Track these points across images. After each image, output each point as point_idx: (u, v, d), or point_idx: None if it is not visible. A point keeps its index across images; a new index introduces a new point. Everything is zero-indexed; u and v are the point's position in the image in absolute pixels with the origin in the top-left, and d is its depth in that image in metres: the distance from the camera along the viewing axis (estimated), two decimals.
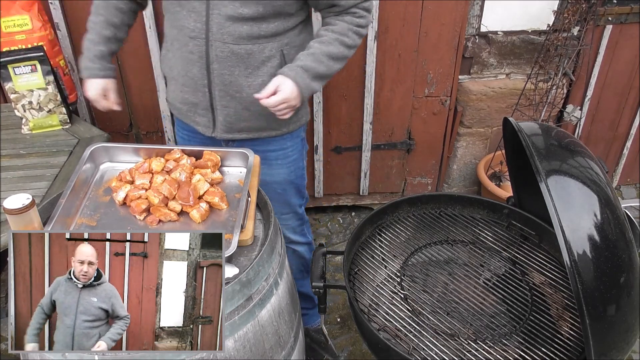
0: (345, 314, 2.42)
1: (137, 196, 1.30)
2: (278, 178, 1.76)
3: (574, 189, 1.17)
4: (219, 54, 1.47)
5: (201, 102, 1.58)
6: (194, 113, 1.62)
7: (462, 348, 1.25)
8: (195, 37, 1.47)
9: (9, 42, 1.97)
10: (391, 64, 2.48)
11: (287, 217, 1.87)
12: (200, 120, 1.63)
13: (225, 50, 1.47)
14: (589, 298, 1.06)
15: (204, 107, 1.59)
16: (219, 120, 1.60)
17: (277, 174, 1.75)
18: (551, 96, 2.57)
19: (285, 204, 1.83)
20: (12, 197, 1.11)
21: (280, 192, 1.78)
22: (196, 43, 1.48)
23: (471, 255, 1.54)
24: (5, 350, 2.22)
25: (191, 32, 1.47)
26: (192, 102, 1.60)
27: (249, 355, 1.22)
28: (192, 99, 1.59)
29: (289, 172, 1.77)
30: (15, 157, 1.81)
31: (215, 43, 1.46)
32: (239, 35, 1.45)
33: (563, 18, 2.39)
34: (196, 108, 1.60)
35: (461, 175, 2.98)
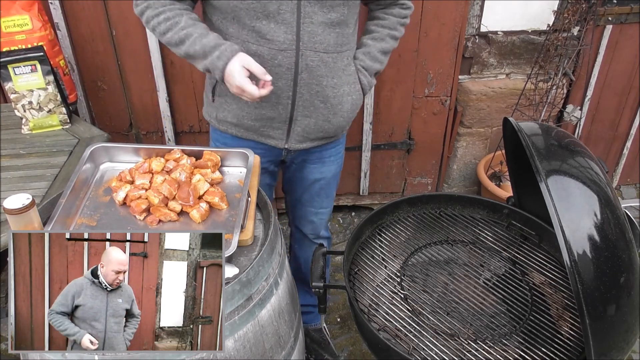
0: (345, 314, 2.42)
1: (137, 196, 1.30)
2: (328, 174, 1.81)
3: (574, 189, 1.17)
4: (309, 63, 1.45)
5: (280, 116, 1.54)
6: (269, 127, 1.58)
7: (462, 348, 1.25)
8: (286, 49, 1.42)
9: (9, 42, 1.97)
10: (391, 64, 2.47)
11: (326, 211, 1.93)
12: (273, 134, 1.59)
13: (315, 59, 1.46)
14: (589, 298, 1.06)
15: (281, 120, 1.55)
16: (295, 132, 1.58)
17: (328, 170, 1.79)
18: (551, 96, 2.57)
19: (329, 197, 1.89)
20: (12, 197, 1.11)
21: (325, 186, 1.83)
22: (286, 55, 1.43)
23: (471, 255, 1.54)
24: (5, 350, 2.22)
25: (281, 44, 1.42)
26: (268, 117, 1.55)
27: (249, 355, 1.22)
28: (270, 114, 1.54)
29: (338, 166, 1.83)
30: (15, 157, 1.80)
31: (306, 52, 1.44)
32: (328, 43, 1.46)
33: (563, 18, 2.39)
34: (272, 122, 1.56)
35: (461, 175, 2.98)
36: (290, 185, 1.87)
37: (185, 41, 1.38)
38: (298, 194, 1.87)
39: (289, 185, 1.88)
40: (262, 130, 1.59)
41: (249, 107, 1.54)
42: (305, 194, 1.85)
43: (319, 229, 1.97)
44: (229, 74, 1.35)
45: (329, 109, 1.55)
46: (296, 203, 1.91)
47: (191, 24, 1.39)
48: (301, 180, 1.81)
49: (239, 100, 1.54)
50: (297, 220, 1.97)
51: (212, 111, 1.64)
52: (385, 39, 1.59)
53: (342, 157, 1.85)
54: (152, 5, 1.41)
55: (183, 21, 1.39)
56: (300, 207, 1.91)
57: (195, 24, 1.40)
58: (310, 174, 1.78)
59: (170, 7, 1.41)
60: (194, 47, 1.38)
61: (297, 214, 1.94)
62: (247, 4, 1.38)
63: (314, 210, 1.90)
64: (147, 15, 1.42)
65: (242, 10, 1.39)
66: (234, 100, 1.55)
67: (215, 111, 1.62)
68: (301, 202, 1.89)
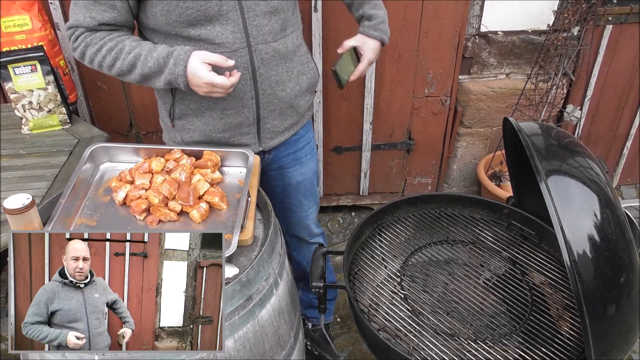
0: (345, 314, 2.42)
1: (137, 196, 1.30)
2: (309, 174, 1.78)
3: (574, 189, 1.17)
4: (263, 57, 1.43)
5: (247, 119, 1.50)
6: (238, 134, 1.53)
7: (462, 348, 1.25)
8: (237, 48, 1.38)
9: (9, 42, 1.97)
10: (391, 64, 2.49)
11: (313, 210, 1.89)
12: (244, 140, 1.55)
13: (269, 51, 1.43)
14: (589, 298, 1.06)
15: (249, 123, 1.51)
16: (265, 130, 1.55)
17: (308, 170, 1.77)
18: (551, 96, 2.57)
19: (314, 194, 1.86)
20: (12, 197, 1.11)
21: (309, 186, 1.80)
22: (239, 54, 1.39)
23: (471, 255, 1.54)
24: (5, 350, 2.22)
25: (232, 45, 1.38)
26: (236, 124, 1.50)
27: (249, 355, 1.22)
28: (236, 120, 1.50)
29: (315, 163, 1.80)
30: (15, 157, 1.81)
31: (258, 47, 1.41)
32: (275, 31, 1.43)
33: (563, 18, 2.39)
34: (240, 128, 1.52)
35: (461, 175, 2.98)
36: (275, 195, 1.79)
37: (136, 64, 1.33)
38: (285, 202, 1.81)
39: (273, 195, 1.78)
40: (232, 140, 1.54)
41: (213, 119, 1.49)
42: (292, 199, 1.80)
43: (312, 228, 1.93)
44: (192, 74, 1.30)
45: (289, 94, 1.52)
46: (286, 212, 1.85)
47: (136, 46, 1.34)
48: (284, 187, 1.77)
49: (201, 116, 1.49)
50: (291, 228, 1.91)
51: (176, 135, 1.57)
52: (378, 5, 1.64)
53: (316, 152, 1.81)
54: (92, 42, 1.35)
55: (127, 45, 1.34)
56: (291, 215, 1.86)
57: (140, 44, 1.35)
58: (291, 178, 1.74)
59: (110, 37, 1.35)
60: (147, 65, 1.32)
61: (290, 221, 1.89)
62: (186, 15, 1.33)
63: (304, 214, 1.86)
64: (89, 54, 1.36)
65: (183, 23, 1.34)
66: (196, 117, 1.50)
67: (179, 135, 1.56)
68: (291, 210, 1.84)
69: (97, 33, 1.36)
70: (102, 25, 1.35)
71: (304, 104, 1.62)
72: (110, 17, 1.35)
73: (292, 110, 1.58)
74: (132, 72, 1.35)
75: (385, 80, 2.52)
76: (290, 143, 1.67)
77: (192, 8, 1.32)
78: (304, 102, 1.61)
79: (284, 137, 1.62)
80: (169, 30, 1.38)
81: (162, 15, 1.35)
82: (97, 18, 1.34)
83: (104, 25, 1.36)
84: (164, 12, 1.34)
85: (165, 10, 1.33)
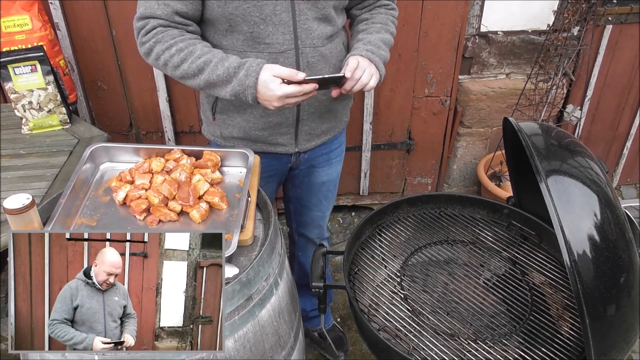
0: (345, 314, 2.42)
1: (137, 196, 1.30)
2: (334, 175, 1.81)
3: (574, 189, 1.17)
4: (310, 60, 1.44)
5: (287, 120, 1.52)
6: (277, 134, 1.55)
7: (462, 348, 1.25)
8: (285, 50, 1.40)
9: (9, 42, 1.97)
10: (391, 63, 2.47)
11: (329, 212, 1.92)
12: (282, 140, 1.57)
13: (315, 55, 1.45)
14: (589, 298, 1.06)
15: (288, 123, 1.54)
16: (302, 132, 1.57)
17: (334, 171, 1.79)
18: (551, 96, 2.57)
19: (333, 197, 1.89)
20: (12, 197, 1.11)
21: (332, 187, 1.83)
22: (287, 56, 1.41)
23: (471, 255, 1.54)
24: (5, 350, 2.22)
25: (281, 46, 1.40)
26: (276, 123, 1.52)
27: (249, 355, 1.22)
28: (277, 119, 1.51)
29: (341, 166, 1.83)
30: (15, 157, 1.80)
31: (305, 50, 1.43)
32: (323, 37, 1.45)
33: (563, 18, 2.39)
34: (279, 128, 1.54)
35: (461, 175, 2.98)
36: (297, 192, 1.83)
37: (204, 69, 1.31)
38: (305, 200, 1.84)
39: (294, 191, 1.84)
40: (270, 139, 1.57)
41: (254, 117, 1.51)
42: (313, 198, 1.83)
43: (323, 231, 1.95)
44: (263, 86, 1.29)
45: (330, 98, 1.52)
46: (302, 209, 1.87)
47: (207, 51, 1.33)
48: (309, 185, 1.79)
49: (242, 113, 1.51)
50: (302, 226, 1.93)
51: (215, 130, 1.60)
52: (380, 31, 1.54)
53: (343, 155, 1.84)
54: (162, 39, 1.33)
55: (198, 49, 1.32)
56: (307, 213, 1.88)
57: (211, 51, 1.34)
58: (318, 177, 1.77)
59: (181, 37, 1.34)
60: (215, 73, 1.31)
61: (304, 220, 1.91)
62: (243, 9, 1.34)
63: (320, 214, 1.88)
64: (157, 50, 1.34)
65: (239, 17, 1.35)
66: (237, 113, 1.52)
67: (218, 129, 1.59)
68: (308, 207, 1.86)
69: (169, 30, 1.34)
70: (176, 15, 1.34)
71: (341, 108, 1.65)
72: (183, 5, 1.34)
73: (331, 115, 1.61)
74: (198, 76, 1.33)
75: (385, 80, 2.49)
76: (326, 144, 1.70)
77: (249, 3, 1.34)
78: (341, 107, 1.64)
79: (320, 140, 1.64)
80: (223, 22, 1.38)
81: (218, 7, 1.35)
82: (172, 5, 1.32)
83: (177, 15, 1.34)
84: (222, 3, 1.34)
85: (223, 2, 1.34)
